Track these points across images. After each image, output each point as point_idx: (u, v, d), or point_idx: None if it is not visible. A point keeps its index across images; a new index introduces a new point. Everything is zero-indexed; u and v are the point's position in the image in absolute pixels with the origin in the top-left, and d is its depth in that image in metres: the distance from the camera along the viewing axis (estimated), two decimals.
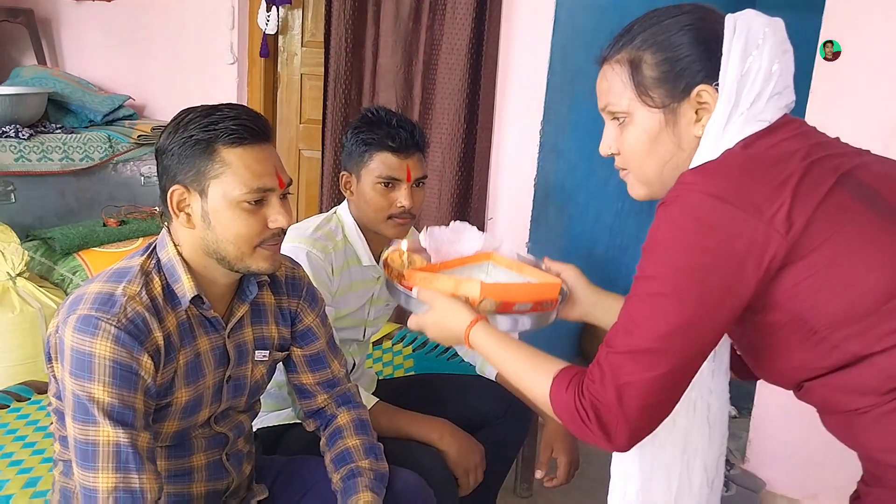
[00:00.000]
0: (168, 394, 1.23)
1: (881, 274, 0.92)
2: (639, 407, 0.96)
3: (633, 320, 0.97)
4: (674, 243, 0.95)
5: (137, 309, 1.16)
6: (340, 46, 2.92)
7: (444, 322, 1.18)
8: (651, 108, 1.03)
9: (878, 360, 0.93)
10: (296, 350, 1.45)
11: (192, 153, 1.19)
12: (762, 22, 1.00)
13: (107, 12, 3.58)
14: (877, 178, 0.97)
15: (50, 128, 3.10)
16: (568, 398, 1.00)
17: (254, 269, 1.25)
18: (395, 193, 1.68)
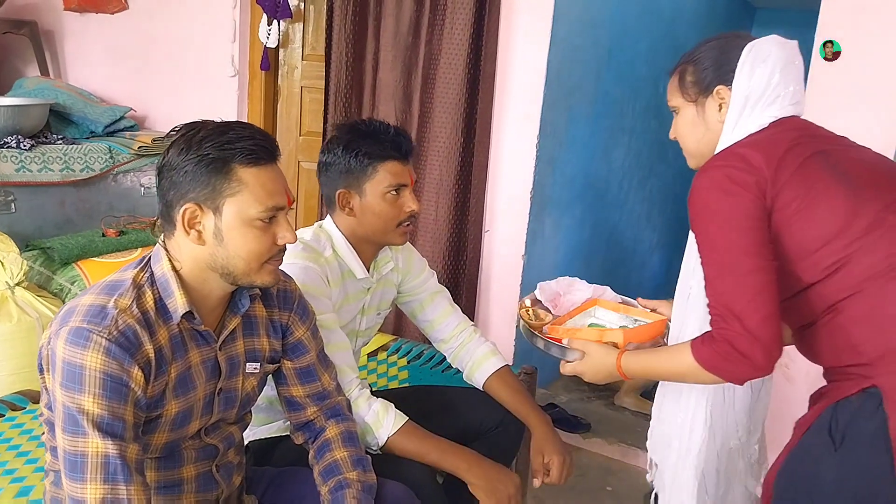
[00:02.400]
0: (158, 406, 1.24)
1: (828, 224, 1.22)
2: (757, 323, 1.20)
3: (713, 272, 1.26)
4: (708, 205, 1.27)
5: (129, 322, 1.17)
6: (341, 60, 2.96)
7: (599, 365, 1.47)
8: (689, 102, 1.42)
9: (819, 287, 1.24)
10: (286, 363, 1.46)
11: (207, 171, 1.20)
12: (771, 44, 1.35)
13: (109, 25, 3.62)
14: (844, 157, 1.28)
15: (51, 138, 3.13)
16: (708, 349, 1.26)
17: (258, 283, 1.27)
18: (402, 199, 1.69)
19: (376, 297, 1.85)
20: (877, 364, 1.19)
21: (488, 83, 2.74)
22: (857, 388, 1.21)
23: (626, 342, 1.47)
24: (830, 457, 1.22)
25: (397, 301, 1.97)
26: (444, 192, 2.84)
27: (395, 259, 1.88)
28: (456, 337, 1.94)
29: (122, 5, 3.57)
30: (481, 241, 2.88)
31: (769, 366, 1.22)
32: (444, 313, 1.94)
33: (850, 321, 1.22)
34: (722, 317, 1.24)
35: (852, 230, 1.21)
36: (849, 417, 1.21)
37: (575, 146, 3.02)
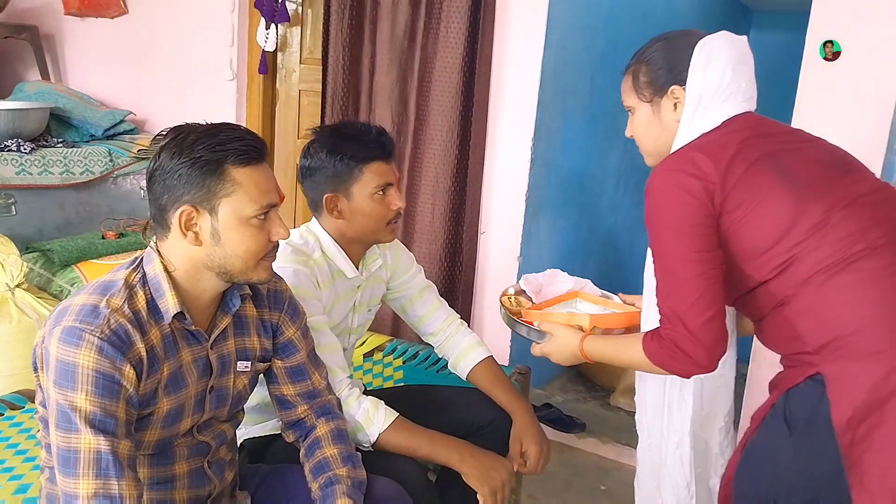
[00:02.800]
0: (150, 403, 1.26)
1: (774, 227, 1.27)
2: (700, 325, 1.29)
3: (662, 271, 1.34)
4: (658, 208, 1.33)
5: (120, 321, 1.20)
6: (338, 64, 2.99)
7: (564, 346, 1.55)
8: (644, 102, 1.44)
9: (769, 285, 1.30)
10: (277, 362, 1.49)
11: (201, 173, 1.23)
12: (721, 41, 1.37)
13: (109, 29, 3.66)
14: (793, 158, 1.32)
15: (51, 142, 3.17)
16: (656, 346, 1.35)
17: (254, 279, 1.31)
18: (388, 198, 1.72)
19: (366, 295, 1.88)
20: (820, 352, 1.26)
21: (483, 86, 2.77)
22: (804, 376, 1.27)
23: (592, 326, 1.55)
24: (787, 442, 1.28)
25: (386, 298, 1.99)
26: (440, 194, 2.87)
27: (383, 256, 1.91)
28: (443, 330, 1.98)
29: (121, 10, 3.60)
30: (477, 243, 2.91)
31: (711, 364, 1.32)
32: (433, 308, 1.98)
33: (795, 314, 1.28)
34: (668, 317, 1.33)
35: (797, 231, 1.27)
36: (799, 404, 1.28)
37: (570, 149, 3.04)
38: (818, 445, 1.24)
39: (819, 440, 1.24)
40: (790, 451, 1.28)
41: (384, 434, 1.63)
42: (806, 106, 2.29)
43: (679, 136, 1.39)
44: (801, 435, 1.26)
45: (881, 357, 1.20)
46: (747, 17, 5.26)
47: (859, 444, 1.20)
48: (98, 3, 3.61)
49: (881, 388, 1.19)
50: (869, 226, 1.26)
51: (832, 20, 2.23)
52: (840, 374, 1.22)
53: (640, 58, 1.45)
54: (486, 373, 1.91)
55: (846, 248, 1.24)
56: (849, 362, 1.22)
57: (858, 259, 1.24)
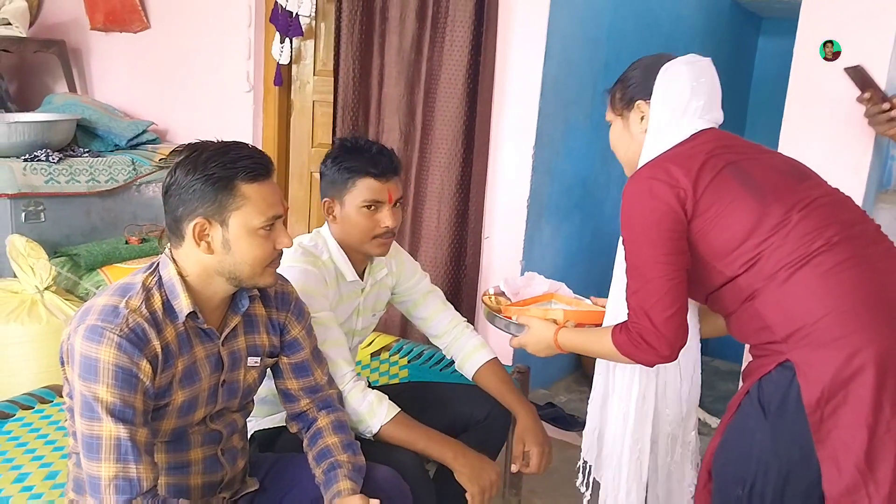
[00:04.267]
0: (166, 395, 1.39)
1: (741, 227, 1.40)
2: (663, 321, 1.44)
3: (631, 270, 1.48)
4: (632, 211, 1.47)
5: (138, 320, 1.33)
6: (348, 76, 3.12)
7: (539, 336, 1.73)
8: (616, 116, 1.62)
9: (739, 280, 1.42)
10: (283, 358, 1.62)
11: (213, 189, 1.36)
12: (681, 64, 1.54)
13: (133, 43, 3.82)
14: (753, 167, 1.46)
15: (78, 151, 3.32)
16: (623, 338, 1.50)
17: (261, 284, 1.45)
18: (378, 215, 1.83)
19: (370, 300, 2.00)
20: (787, 341, 1.38)
21: (486, 97, 2.88)
22: (775, 364, 1.39)
23: (566, 320, 1.72)
24: (763, 425, 1.40)
25: (392, 301, 2.12)
26: (445, 200, 2.99)
27: (388, 264, 2.03)
28: (449, 332, 2.08)
29: (144, 24, 3.76)
30: (481, 248, 3.02)
31: (672, 355, 1.48)
32: (437, 311, 2.09)
33: (763, 306, 1.40)
34: (635, 312, 1.48)
35: (762, 230, 1.39)
36: (772, 389, 1.39)
37: (572, 156, 3.14)
38: (790, 426, 1.36)
39: (791, 421, 1.36)
40: (765, 432, 1.39)
41: (386, 426, 1.74)
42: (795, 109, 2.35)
43: (647, 148, 1.54)
44: (775, 417, 1.38)
45: (842, 342, 1.32)
46: (755, 25, 5.31)
47: (827, 421, 1.32)
48: (122, 19, 3.77)
49: (844, 370, 1.31)
50: (825, 224, 1.39)
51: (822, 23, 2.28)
52: (807, 359, 1.34)
53: (620, 78, 1.63)
54: (491, 374, 2.02)
55: (806, 246, 1.37)
56: (814, 349, 1.34)
57: (818, 255, 1.36)
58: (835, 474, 1.32)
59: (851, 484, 1.31)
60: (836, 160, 2.25)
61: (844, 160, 2.26)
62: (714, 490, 1.50)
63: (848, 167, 2.27)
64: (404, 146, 3.06)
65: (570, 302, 1.95)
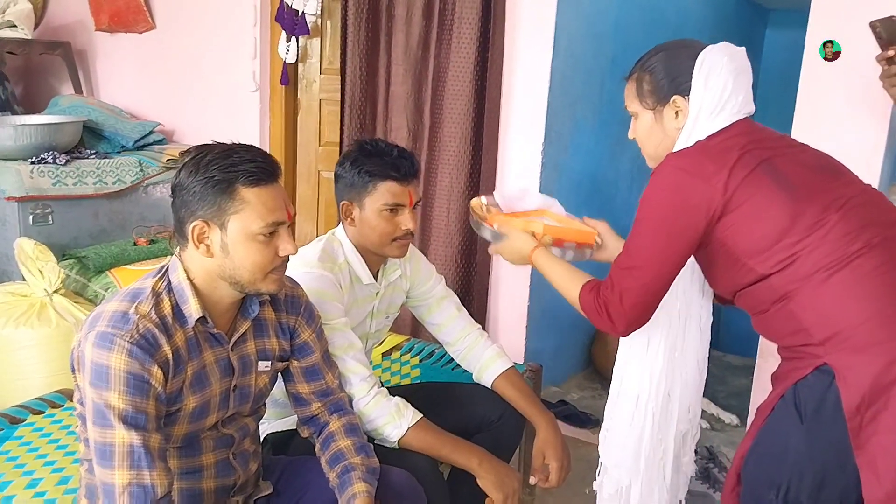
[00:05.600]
0: (177, 401, 1.38)
1: (775, 226, 1.37)
2: (632, 305, 1.47)
3: (630, 247, 1.48)
4: (654, 198, 1.44)
5: (148, 326, 1.32)
6: (355, 75, 3.10)
7: (516, 247, 1.71)
8: (647, 109, 1.54)
9: (772, 279, 1.39)
10: (294, 362, 1.60)
11: (213, 192, 1.34)
12: (721, 54, 1.46)
13: (138, 44, 3.81)
14: (787, 163, 1.42)
15: (85, 153, 3.31)
16: (590, 299, 1.52)
17: (263, 290, 1.42)
18: (399, 218, 1.81)
19: (385, 302, 1.98)
20: (825, 344, 1.34)
21: (494, 94, 2.87)
22: (812, 368, 1.35)
23: (545, 234, 1.71)
24: (798, 430, 1.37)
25: (407, 304, 2.10)
26: (454, 198, 2.97)
27: (402, 267, 2.01)
28: (462, 339, 2.05)
29: (149, 25, 3.75)
30: None
31: (626, 333, 1.53)
32: (451, 317, 2.06)
33: (799, 308, 1.37)
34: (613, 283, 1.49)
35: (797, 230, 1.36)
36: (809, 394, 1.36)
37: (580, 153, 3.12)
38: (827, 431, 1.33)
39: (828, 426, 1.33)
40: (801, 437, 1.36)
41: (412, 429, 1.71)
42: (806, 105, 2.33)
43: (679, 143, 1.49)
44: (811, 421, 1.35)
45: (883, 347, 1.30)
46: (763, 17, 5.28)
47: (866, 427, 1.30)
48: (127, 20, 3.76)
49: (885, 376, 1.28)
50: (864, 225, 1.36)
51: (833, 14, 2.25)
52: (847, 364, 1.31)
53: (642, 66, 1.53)
54: (510, 384, 1.98)
55: (845, 247, 1.34)
56: (854, 353, 1.31)
57: (857, 257, 1.33)
58: (874, 480, 1.30)
59: (892, 490, 1.28)
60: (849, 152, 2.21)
61: (857, 152, 2.23)
62: (743, 494, 1.48)
63: (860, 159, 2.23)
64: (412, 144, 3.05)
65: (561, 220, 1.90)
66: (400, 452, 1.70)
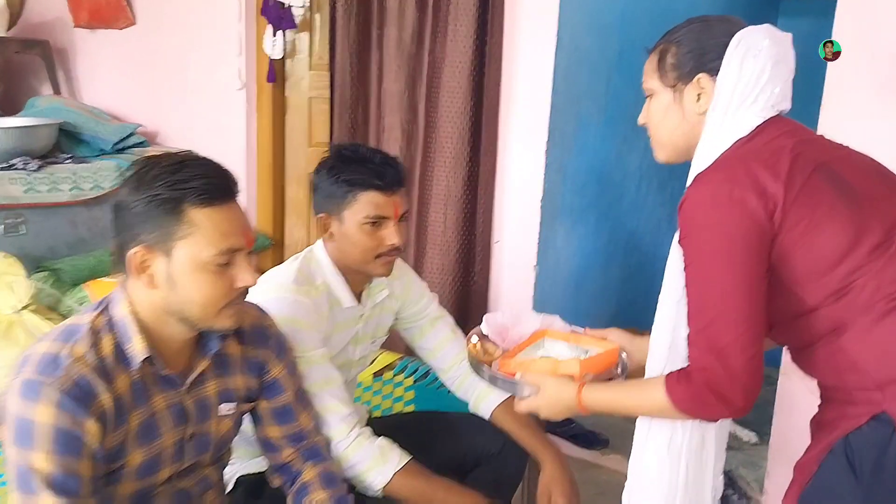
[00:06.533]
0: (120, 456, 1.19)
1: (835, 247, 1.15)
2: (741, 364, 1.15)
3: (700, 299, 1.19)
4: (706, 224, 1.17)
5: (82, 371, 1.13)
6: (345, 71, 2.92)
7: (556, 400, 1.37)
8: (666, 87, 1.31)
9: (824, 310, 1.17)
10: (263, 402, 1.41)
11: (157, 213, 1.15)
12: (763, 36, 1.23)
13: (119, 41, 3.62)
14: (845, 168, 1.21)
15: (60, 158, 3.13)
16: (683, 389, 1.20)
17: (217, 327, 1.23)
18: (383, 232, 1.62)
19: (370, 326, 1.79)
20: (884, 389, 1.14)
21: (493, 91, 2.68)
22: (868, 416, 1.15)
23: (584, 373, 1.39)
24: (854, 489, 1.16)
25: (396, 327, 1.91)
26: (451, 203, 2.79)
27: (390, 285, 1.82)
28: (457, 366, 1.86)
29: (130, 20, 3.56)
30: (490, 253, 2.82)
31: (748, 408, 1.18)
32: (445, 340, 1.87)
33: (854, 344, 1.16)
34: (703, 354, 1.18)
35: (860, 251, 1.15)
36: (866, 447, 1.15)
37: (586, 152, 2.94)
38: (889, 491, 1.14)
39: (890, 485, 1.14)
40: (857, 497, 1.16)
41: (399, 475, 1.53)
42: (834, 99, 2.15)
43: (709, 136, 1.26)
44: (870, 481, 1.15)
45: None
46: (774, 5, 5.07)
47: None
48: (106, 15, 3.58)
49: None
50: None
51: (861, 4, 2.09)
52: None
53: (670, 37, 1.31)
54: (510, 415, 1.78)
55: None
56: None
57: None
58: None
59: None
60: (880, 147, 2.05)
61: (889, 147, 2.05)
62: None
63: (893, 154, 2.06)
64: (406, 145, 2.86)
65: (567, 338, 1.62)
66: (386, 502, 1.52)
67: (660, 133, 1.35)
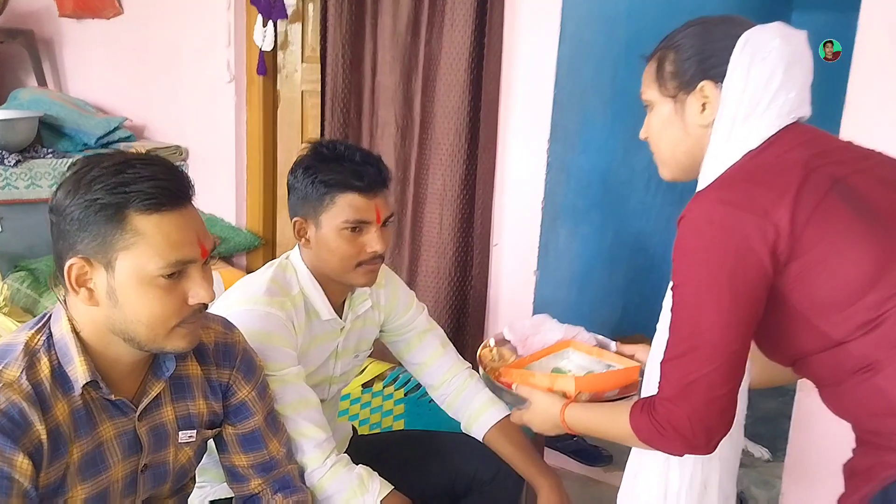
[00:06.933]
0: (59, 493, 1.06)
1: (858, 273, 1.04)
2: (704, 403, 1.07)
3: (678, 326, 1.10)
4: (696, 247, 1.07)
5: (13, 399, 0.99)
6: (337, 63, 2.77)
7: (544, 415, 1.31)
8: (665, 97, 1.19)
9: (852, 346, 1.06)
10: (228, 427, 1.28)
11: (96, 219, 1.02)
12: (772, 36, 1.11)
13: (106, 31, 3.48)
14: (869, 183, 1.08)
15: (41, 152, 3.01)
16: (644, 419, 1.13)
17: (169, 349, 1.10)
18: (364, 238, 1.48)
19: (352, 339, 1.65)
20: None
21: (493, 84, 2.52)
22: None
23: (578, 391, 1.31)
24: None
25: (382, 339, 1.77)
26: (448, 203, 2.64)
27: (375, 295, 1.68)
28: (448, 382, 1.72)
29: (117, 10, 3.42)
30: (489, 256, 2.66)
31: (710, 446, 1.11)
32: (435, 355, 1.73)
33: (889, 384, 1.05)
34: (669, 384, 1.10)
35: (889, 280, 1.03)
36: None
37: (590, 150, 2.79)
38: None
39: None
40: None
41: None
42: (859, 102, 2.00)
43: (715, 149, 1.13)
44: None
45: None
46: None
47: None
48: (93, 4, 3.44)
49: None
50: None
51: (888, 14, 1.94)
52: None
53: (668, 43, 1.20)
54: (505, 437, 1.65)
55: None
56: None
57: None
58: None
59: None
60: None
61: None
62: None
63: None
64: (401, 141, 2.72)
65: (591, 351, 1.55)
66: None
67: (661, 149, 1.24)
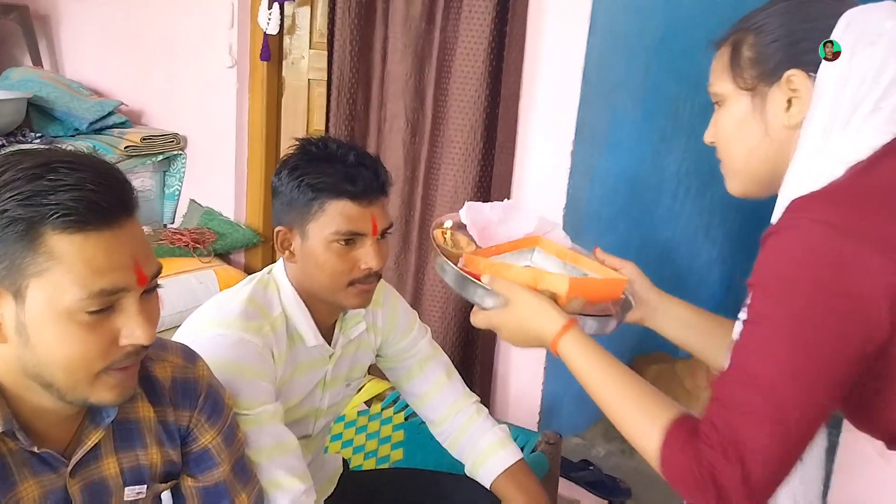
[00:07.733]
0: None
1: None
2: (763, 476, 0.85)
3: (746, 371, 0.87)
4: (787, 278, 0.85)
5: None
6: (345, 50, 2.56)
7: (527, 322, 1.04)
8: (742, 90, 0.98)
9: None
10: (188, 479, 1.07)
11: (4, 237, 0.81)
12: (884, 16, 0.89)
13: (106, 9, 3.28)
14: None
15: (29, 137, 2.83)
16: (683, 463, 0.89)
17: (93, 400, 0.88)
18: (357, 252, 1.26)
19: (343, 366, 1.43)
20: None
21: (513, 77, 2.30)
22: None
23: (571, 296, 1.04)
24: None
25: (379, 364, 1.56)
26: (460, 206, 2.39)
27: (372, 315, 1.46)
28: (452, 418, 1.50)
29: None
30: None
31: None
32: (438, 386, 1.52)
33: None
34: (721, 441, 0.85)
35: None
36: None
37: (618, 152, 2.56)
38: None
39: None
40: None
41: None
42: None
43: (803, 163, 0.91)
44: None
45: None
46: None
47: None
48: None
49: None
50: None
51: None
52: None
53: (746, 23, 0.98)
54: (516, 486, 1.44)
55: None
56: None
57: None
58: None
59: None
60: None
61: None
62: None
63: None
64: (410, 137, 2.50)
65: (563, 254, 1.25)
66: None
67: (733, 154, 1.01)
